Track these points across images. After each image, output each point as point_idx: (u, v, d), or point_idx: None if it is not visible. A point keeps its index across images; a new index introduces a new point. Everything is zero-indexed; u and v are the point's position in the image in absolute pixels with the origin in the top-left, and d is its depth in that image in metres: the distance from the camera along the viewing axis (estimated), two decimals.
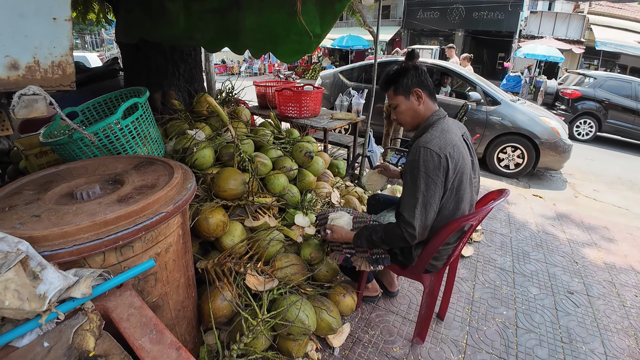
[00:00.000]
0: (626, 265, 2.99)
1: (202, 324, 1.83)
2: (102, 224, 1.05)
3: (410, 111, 1.71)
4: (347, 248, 1.91)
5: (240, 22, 2.31)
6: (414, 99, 1.68)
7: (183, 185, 1.36)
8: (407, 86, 1.67)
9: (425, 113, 1.70)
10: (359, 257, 1.86)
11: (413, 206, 1.51)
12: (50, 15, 1.13)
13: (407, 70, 1.68)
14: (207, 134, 2.62)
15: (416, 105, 1.69)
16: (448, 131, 1.60)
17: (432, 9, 19.99)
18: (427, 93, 1.68)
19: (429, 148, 1.50)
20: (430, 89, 1.69)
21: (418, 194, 1.51)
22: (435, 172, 1.50)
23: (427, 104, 1.69)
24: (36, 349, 0.85)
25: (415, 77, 1.67)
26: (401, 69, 1.70)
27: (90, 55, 13.22)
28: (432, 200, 1.51)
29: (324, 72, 7.43)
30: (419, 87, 1.66)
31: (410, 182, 1.54)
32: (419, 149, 1.53)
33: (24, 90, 1.07)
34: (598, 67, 17.90)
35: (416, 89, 1.66)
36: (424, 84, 1.67)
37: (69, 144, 1.69)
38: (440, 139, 1.54)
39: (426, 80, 1.68)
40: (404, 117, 1.74)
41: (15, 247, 0.88)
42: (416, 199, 1.51)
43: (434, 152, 1.49)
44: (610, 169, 6.31)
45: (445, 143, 1.53)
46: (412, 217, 1.50)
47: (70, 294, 0.91)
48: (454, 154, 1.53)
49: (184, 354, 0.84)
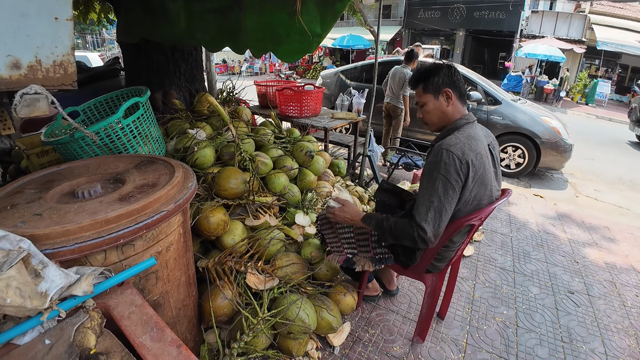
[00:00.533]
0: (627, 265, 2.99)
1: (202, 323, 1.83)
2: (104, 223, 1.06)
3: (437, 111, 1.65)
4: (348, 248, 1.90)
5: (241, 22, 2.31)
6: (442, 99, 1.63)
7: (184, 184, 1.37)
8: (437, 85, 1.62)
9: (453, 115, 1.64)
10: (362, 256, 1.84)
11: (427, 209, 1.46)
12: (52, 14, 1.13)
13: (440, 69, 1.62)
14: (208, 133, 2.63)
15: (444, 105, 1.63)
16: (474, 138, 1.54)
17: (433, 8, 19.95)
18: (458, 94, 1.63)
19: (451, 151, 1.45)
20: (462, 91, 1.64)
21: (434, 197, 1.46)
22: (455, 177, 1.45)
23: (457, 106, 1.63)
24: (37, 347, 0.86)
25: (447, 77, 1.61)
26: (434, 66, 1.64)
27: (92, 54, 13.27)
28: (447, 205, 1.46)
29: (324, 72, 7.44)
30: (449, 87, 1.61)
31: (427, 183, 1.50)
32: (441, 151, 1.47)
33: (26, 90, 1.08)
34: (599, 67, 17.88)
35: (446, 89, 1.61)
36: (455, 84, 1.62)
37: (71, 143, 1.69)
38: (464, 144, 1.48)
39: (458, 81, 1.63)
40: (431, 116, 1.69)
41: (17, 245, 0.88)
42: (431, 202, 1.46)
43: (456, 156, 1.44)
44: (611, 168, 6.31)
45: (469, 149, 1.47)
46: (425, 220, 1.45)
47: (72, 292, 0.92)
48: (476, 162, 1.49)
49: (185, 352, 0.85)
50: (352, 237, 1.88)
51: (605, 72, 17.88)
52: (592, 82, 15.88)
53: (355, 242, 1.87)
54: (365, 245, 1.83)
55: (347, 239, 1.90)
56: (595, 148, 7.80)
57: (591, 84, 15.87)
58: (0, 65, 1.07)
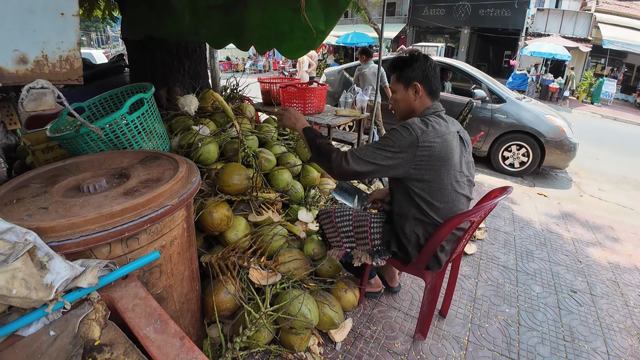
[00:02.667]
0: (630, 264, 2.97)
1: (205, 317, 1.85)
2: (109, 216, 1.07)
3: (403, 102, 1.69)
4: (347, 242, 1.91)
5: (244, 19, 2.32)
6: (411, 92, 1.64)
7: (188, 180, 1.38)
8: (408, 77, 1.63)
9: (418, 109, 1.67)
10: (360, 249, 1.86)
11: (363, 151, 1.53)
12: (58, 10, 1.14)
13: (414, 61, 1.62)
14: (212, 129, 2.64)
15: (412, 99, 1.65)
16: (439, 124, 1.57)
17: (437, 6, 19.85)
18: (428, 90, 1.63)
19: (409, 124, 1.52)
20: (433, 87, 1.64)
21: (375, 147, 1.52)
22: (401, 144, 1.50)
23: (424, 101, 1.65)
24: (42, 338, 0.87)
25: (420, 70, 1.61)
26: (410, 57, 1.63)
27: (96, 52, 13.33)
28: (381, 161, 1.51)
29: (328, 69, 7.43)
30: (420, 81, 1.62)
31: (379, 139, 1.58)
32: (403, 124, 1.54)
33: (33, 84, 1.09)
34: (605, 66, 17.73)
35: (416, 83, 1.62)
36: (427, 79, 1.62)
37: (76, 139, 1.71)
38: (427, 126, 1.53)
39: (432, 76, 1.62)
40: (397, 105, 1.74)
41: (23, 238, 0.90)
42: (368, 148, 1.53)
43: (412, 129, 1.49)
44: (616, 168, 6.27)
45: (431, 131, 1.51)
46: (354, 156, 1.52)
47: (77, 284, 0.93)
48: (438, 143, 1.52)
49: (188, 344, 0.86)
50: (350, 231, 1.89)
51: (611, 71, 17.73)
52: (598, 81, 15.76)
53: (354, 234, 1.88)
54: (363, 237, 1.84)
55: (346, 232, 1.90)
56: (600, 147, 7.75)
57: (597, 83, 15.74)
58: (7, 60, 1.09)
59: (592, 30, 16.96)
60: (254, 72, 22.95)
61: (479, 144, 5.51)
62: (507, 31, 18.49)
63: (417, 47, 17.61)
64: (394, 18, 21.69)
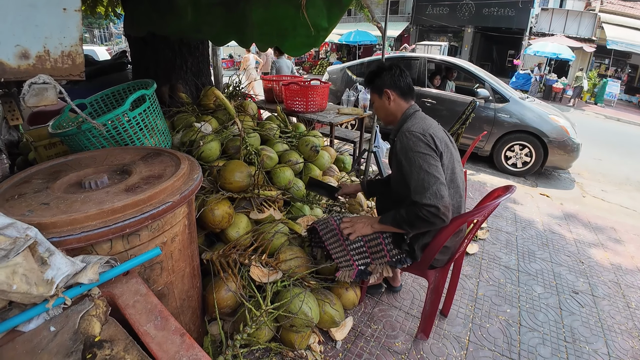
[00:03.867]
0: (632, 266, 2.96)
1: (206, 314, 1.85)
2: (110, 212, 1.07)
3: (382, 109, 1.84)
4: (359, 259, 1.83)
5: (247, 16, 2.31)
6: (385, 99, 1.79)
7: (189, 176, 1.38)
8: (379, 87, 1.79)
9: (397, 111, 1.80)
10: (377, 263, 1.80)
11: (423, 187, 1.49)
12: (60, 5, 1.14)
13: (382, 71, 1.79)
14: (214, 127, 2.63)
15: (387, 104, 1.80)
16: (426, 118, 1.72)
17: (441, 4, 19.76)
18: (399, 93, 1.77)
19: (412, 131, 1.59)
20: (404, 89, 1.77)
21: (422, 173, 1.51)
22: (426, 148, 1.55)
23: (398, 103, 1.78)
24: (43, 334, 0.87)
25: (388, 78, 1.76)
26: (377, 69, 1.81)
27: (99, 48, 13.33)
28: (437, 174, 1.51)
29: (331, 68, 7.41)
30: (389, 88, 1.76)
31: (409, 167, 1.55)
32: (403, 135, 1.61)
33: (35, 79, 1.09)
34: (609, 66, 17.64)
35: (387, 90, 1.77)
36: (396, 84, 1.76)
37: (78, 135, 1.71)
38: (419, 123, 1.64)
39: (399, 80, 1.76)
40: (378, 113, 1.90)
41: (24, 233, 0.89)
42: (423, 179, 1.50)
43: (419, 133, 1.57)
44: (619, 169, 6.24)
45: (426, 126, 1.62)
46: (426, 197, 1.46)
47: (78, 280, 0.93)
48: (437, 134, 1.61)
49: (188, 340, 0.85)
50: (363, 246, 1.81)
51: (615, 72, 17.64)
52: (602, 82, 15.67)
53: (367, 249, 1.81)
54: (379, 250, 1.78)
55: (358, 248, 1.82)
56: (603, 148, 7.71)
57: (600, 84, 15.66)
58: (9, 55, 1.09)
59: (596, 30, 16.87)
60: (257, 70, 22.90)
61: (481, 144, 5.49)
62: (510, 30, 18.40)
63: (421, 46, 17.62)
64: (397, 16, 21.62)
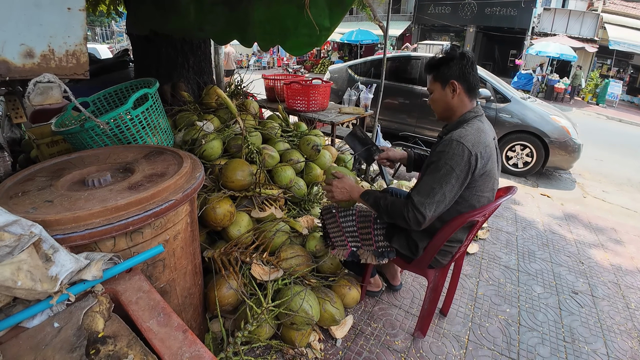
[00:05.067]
0: (632, 267, 2.96)
1: (207, 312, 1.86)
2: (113, 210, 1.08)
3: (441, 101, 1.65)
4: (352, 241, 1.91)
5: (249, 15, 2.31)
6: (448, 90, 1.61)
7: (192, 175, 1.39)
8: (445, 76, 1.60)
9: (458, 108, 1.63)
10: (365, 250, 1.87)
11: (429, 195, 1.46)
12: (64, 5, 1.15)
13: (452, 59, 1.58)
14: (216, 125, 2.64)
15: (449, 97, 1.62)
16: (483, 131, 1.54)
17: (443, 4, 19.72)
18: (466, 88, 1.60)
19: (462, 143, 1.45)
20: (471, 84, 1.60)
21: (438, 184, 1.46)
22: (462, 169, 1.45)
23: (462, 98, 1.61)
24: (46, 329, 0.88)
25: (458, 68, 1.57)
26: (447, 55, 1.61)
27: (101, 47, 13.35)
28: (449, 194, 1.47)
29: (333, 67, 7.41)
30: (457, 79, 1.58)
31: (433, 171, 1.49)
32: (451, 142, 1.47)
33: (39, 78, 1.10)
34: (611, 67, 17.59)
35: (453, 81, 1.58)
36: (464, 77, 1.58)
37: (81, 133, 1.72)
38: (474, 136, 1.48)
39: (469, 73, 1.58)
40: (436, 105, 1.70)
41: (28, 230, 0.90)
42: (434, 189, 1.46)
43: (467, 148, 1.44)
44: (620, 170, 6.23)
45: (478, 141, 1.48)
46: (424, 204, 1.45)
47: (81, 277, 0.94)
48: (485, 154, 1.50)
49: (190, 337, 0.87)
50: (355, 231, 1.89)
51: (617, 72, 17.59)
52: (604, 82, 15.64)
53: (359, 235, 1.88)
54: (368, 239, 1.85)
55: (351, 232, 1.91)
56: (605, 149, 7.70)
57: (602, 84, 15.63)
58: (14, 54, 1.10)
59: (598, 30, 16.81)
60: (258, 69, 22.95)
61: None
62: (513, 30, 18.36)
63: (423, 45, 17.59)
64: (399, 16, 21.58)
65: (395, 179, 4.30)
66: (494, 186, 1.65)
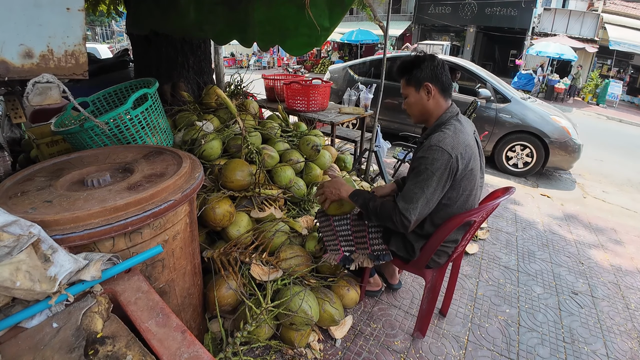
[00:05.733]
0: (632, 267, 2.96)
1: (207, 312, 1.86)
2: (112, 210, 1.08)
3: (418, 105, 1.66)
4: (345, 245, 1.90)
5: (249, 15, 2.31)
6: (423, 93, 1.62)
7: (191, 175, 1.39)
8: (418, 79, 1.61)
9: (435, 110, 1.64)
10: (360, 253, 1.86)
11: (412, 199, 1.49)
12: (64, 5, 1.15)
13: (422, 62, 1.60)
14: (216, 125, 2.64)
15: (425, 100, 1.63)
16: (461, 131, 1.55)
17: (443, 4, 19.72)
18: (440, 88, 1.61)
19: (440, 147, 1.47)
20: (445, 85, 1.62)
21: (420, 189, 1.49)
22: (442, 172, 1.48)
23: (438, 100, 1.63)
24: (45, 330, 0.88)
25: (430, 70, 1.59)
26: (417, 58, 1.62)
27: (101, 46, 13.34)
28: (432, 197, 1.51)
29: (333, 67, 7.41)
30: (430, 81, 1.59)
31: (415, 176, 1.52)
32: (430, 147, 1.49)
33: (38, 78, 1.10)
34: (611, 67, 17.59)
35: (427, 83, 1.60)
36: (437, 78, 1.60)
37: (80, 133, 1.72)
38: (453, 138, 1.50)
39: (441, 74, 1.60)
40: (412, 109, 1.70)
41: (27, 230, 0.90)
42: (416, 194, 1.49)
43: (446, 152, 1.47)
44: (620, 170, 6.23)
45: (457, 143, 1.50)
46: (408, 209, 1.48)
47: (80, 277, 0.94)
48: (466, 154, 1.52)
49: (189, 337, 0.86)
50: (350, 235, 1.88)
51: (617, 73, 17.58)
52: (604, 83, 15.63)
53: (353, 239, 1.88)
54: (363, 242, 1.84)
55: (345, 235, 1.90)
56: (605, 149, 7.70)
57: (602, 84, 15.62)
58: (13, 54, 1.09)
59: (598, 30, 16.81)
60: (258, 69, 22.95)
61: (482, 144, 5.47)
62: (513, 30, 18.35)
63: (423, 45, 17.59)
64: (400, 16, 21.58)
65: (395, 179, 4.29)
66: (480, 182, 1.69)
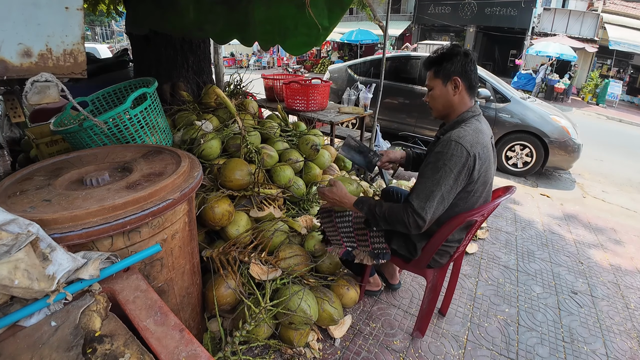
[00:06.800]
0: (632, 267, 2.96)
1: (206, 311, 1.86)
2: (111, 209, 1.08)
3: (442, 98, 1.63)
4: (347, 242, 1.91)
5: (249, 14, 2.31)
6: (450, 87, 1.59)
7: (190, 174, 1.39)
8: (447, 72, 1.58)
9: (458, 106, 1.61)
10: (361, 250, 1.87)
11: (428, 198, 1.44)
12: (62, 4, 1.15)
13: (455, 55, 1.56)
14: (215, 125, 2.65)
15: (451, 94, 1.60)
16: (481, 131, 1.53)
17: (443, 4, 19.72)
18: (467, 85, 1.58)
19: (460, 143, 1.44)
20: (472, 83, 1.59)
21: (437, 186, 1.44)
22: (461, 169, 1.44)
23: (463, 96, 1.60)
24: (43, 328, 0.87)
25: (461, 65, 1.56)
26: (449, 51, 1.58)
27: (101, 46, 13.36)
28: (448, 196, 1.46)
29: (332, 66, 7.41)
30: (459, 76, 1.56)
31: (431, 173, 1.47)
32: (450, 142, 1.45)
33: (37, 77, 1.10)
34: (611, 67, 17.58)
35: (455, 78, 1.57)
36: (466, 74, 1.57)
37: (79, 132, 1.72)
38: (472, 136, 1.47)
39: (471, 71, 1.57)
40: (435, 102, 1.66)
41: (26, 229, 0.90)
42: (433, 191, 1.44)
43: (465, 149, 1.43)
44: (620, 170, 6.23)
45: (477, 142, 1.47)
46: (424, 208, 1.43)
47: (79, 276, 0.94)
48: (483, 155, 1.49)
49: (187, 336, 0.86)
50: (351, 232, 1.88)
51: (617, 73, 17.58)
52: (604, 82, 15.63)
53: (355, 236, 1.88)
54: (364, 240, 1.84)
55: (347, 233, 1.90)
56: (605, 149, 7.70)
57: (602, 84, 15.62)
58: (12, 53, 1.09)
59: (598, 30, 16.81)
60: (258, 69, 22.96)
61: None
62: (513, 30, 18.35)
63: (423, 45, 17.58)
64: (399, 15, 21.58)
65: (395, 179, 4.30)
66: (490, 188, 1.66)
